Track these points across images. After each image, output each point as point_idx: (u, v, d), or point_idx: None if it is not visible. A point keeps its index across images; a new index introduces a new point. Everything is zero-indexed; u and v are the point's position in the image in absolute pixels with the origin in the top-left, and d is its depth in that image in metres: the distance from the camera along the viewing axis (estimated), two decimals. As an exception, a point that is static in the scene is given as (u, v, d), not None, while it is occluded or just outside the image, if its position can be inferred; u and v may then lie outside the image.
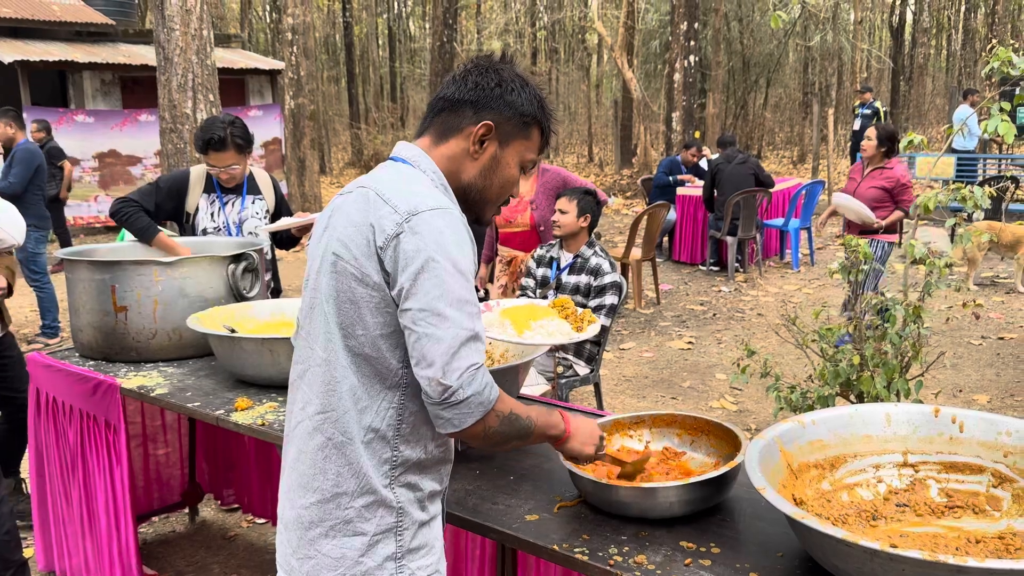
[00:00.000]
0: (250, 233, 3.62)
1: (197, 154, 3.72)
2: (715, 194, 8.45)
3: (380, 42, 30.58)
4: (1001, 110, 3.49)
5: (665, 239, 9.62)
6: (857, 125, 12.87)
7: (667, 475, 1.83)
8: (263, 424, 2.17)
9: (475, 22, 29.62)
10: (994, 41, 3.33)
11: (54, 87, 12.90)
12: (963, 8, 28.06)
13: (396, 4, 30.06)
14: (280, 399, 2.37)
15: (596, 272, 4.04)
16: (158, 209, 3.46)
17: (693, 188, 9.37)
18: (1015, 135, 13.89)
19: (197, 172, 3.61)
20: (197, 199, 3.56)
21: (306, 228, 3.64)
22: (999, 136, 3.48)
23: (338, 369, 1.45)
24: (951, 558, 1.20)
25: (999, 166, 11.69)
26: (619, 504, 1.69)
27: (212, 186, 3.58)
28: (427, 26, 22.50)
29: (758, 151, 21.61)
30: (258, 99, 14.33)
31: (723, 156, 8.60)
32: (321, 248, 1.51)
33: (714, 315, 7.28)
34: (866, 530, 1.58)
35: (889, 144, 5.79)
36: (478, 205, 1.57)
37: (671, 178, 9.64)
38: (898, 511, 1.67)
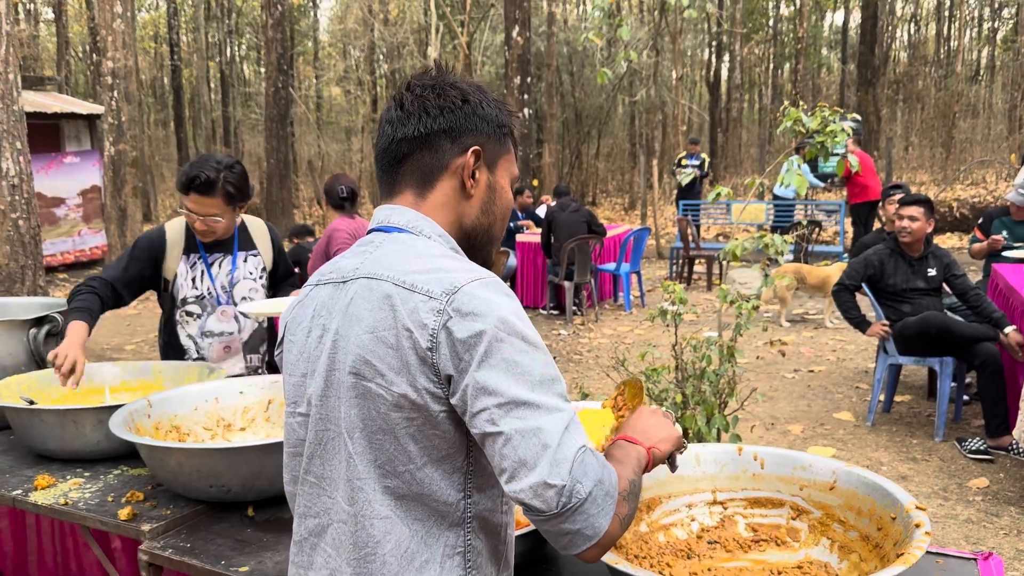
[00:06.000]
0: (243, 298, 2.94)
1: (177, 193, 2.99)
2: (552, 241, 8.76)
3: (212, 86, 29.66)
4: (799, 167, 3.86)
5: (507, 284, 9.83)
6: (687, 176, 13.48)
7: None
8: (66, 503, 2.00)
9: (313, 68, 29.36)
10: (786, 103, 3.69)
11: None
12: (771, 66, 30.89)
13: (228, 49, 29.31)
14: (87, 474, 2.19)
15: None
16: (138, 283, 2.84)
17: (532, 235, 9.69)
18: (823, 182, 15.16)
19: (174, 230, 2.92)
20: (176, 264, 2.88)
21: None
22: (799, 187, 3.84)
23: (375, 525, 1.13)
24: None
25: (806, 211, 12.81)
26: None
27: (194, 245, 2.91)
28: (262, 71, 22.04)
29: (592, 198, 22.58)
30: (75, 145, 13.48)
31: (558, 204, 8.96)
32: (322, 362, 1.18)
33: (554, 357, 7.44)
34: (678, 570, 1.66)
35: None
36: (485, 248, 1.31)
37: (511, 224, 9.92)
38: (710, 548, 1.76)
